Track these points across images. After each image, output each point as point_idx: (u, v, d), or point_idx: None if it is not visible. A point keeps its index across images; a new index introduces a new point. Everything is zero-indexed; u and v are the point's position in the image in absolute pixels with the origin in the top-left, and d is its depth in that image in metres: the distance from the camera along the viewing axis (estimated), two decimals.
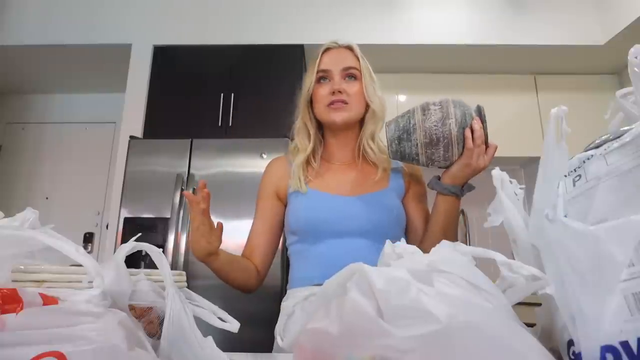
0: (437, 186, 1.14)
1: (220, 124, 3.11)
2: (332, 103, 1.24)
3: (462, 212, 3.52)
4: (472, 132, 1.06)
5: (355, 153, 1.31)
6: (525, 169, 3.73)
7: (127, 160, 2.74)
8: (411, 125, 1.08)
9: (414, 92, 3.57)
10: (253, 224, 1.33)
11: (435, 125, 1.05)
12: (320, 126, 1.34)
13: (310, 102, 1.31)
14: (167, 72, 3.30)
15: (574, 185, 0.53)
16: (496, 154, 1.11)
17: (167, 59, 3.33)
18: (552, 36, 3.31)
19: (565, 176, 0.55)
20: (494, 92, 3.59)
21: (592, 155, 0.53)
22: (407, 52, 3.38)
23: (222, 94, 3.17)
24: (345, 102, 1.24)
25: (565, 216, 0.49)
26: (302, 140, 1.32)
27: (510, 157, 3.42)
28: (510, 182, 0.61)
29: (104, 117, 4.08)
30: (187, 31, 3.38)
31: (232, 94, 3.17)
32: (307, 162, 1.29)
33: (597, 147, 0.53)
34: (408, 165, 1.30)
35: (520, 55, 3.42)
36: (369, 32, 3.33)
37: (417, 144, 1.07)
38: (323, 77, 1.28)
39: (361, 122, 1.30)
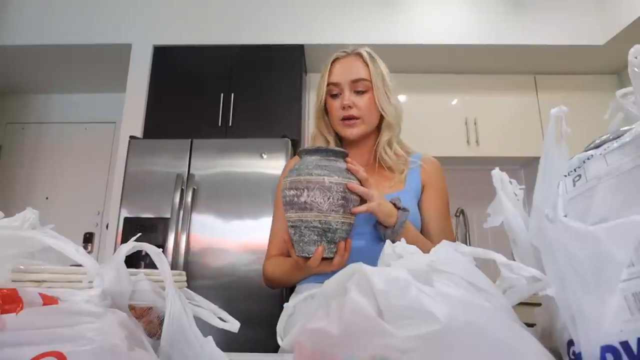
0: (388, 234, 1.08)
1: (220, 124, 3.11)
2: (344, 118, 1.23)
3: (462, 212, 3.52)
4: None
5: (372, 158, 1.29)
6: (525, 169, 3.73)
7: (127, 160, 2.74)
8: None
9: (414, 93, 3.57)
10: (280, 221, 1.28)
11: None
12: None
13: (327, 111, 1.31)
14: (167, 72, 3.30)
15: (574, 185, 0.53)
16: (496, 154, 1.11)
17: (167, 59, 3.33)
18: (552, 36, 3.31)
19: (565, 176, 0.55)
20: (494, 92, 3.59)
21: (592, 155, 0.53)
22: (406, 52, 3.38)
23: (222, 94, 3.17)
24: (356, 117, 1.23)
25: (565, 216, 0.49)
26: None
27: (510, 157, 3.44)
28: (510, 182, 0.61)
29: (104, 117, 4.08)
30: (187, 31, 3.38)
31: (232, 94, 3.17)
32: None
33: (597, 147, 0.53)
34: (426, 163, 1.30)
35: (520, 55, 3.42)
36: (369, 32, 3.33)
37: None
38: (334, 89, 1.26)
39: (378, 127, 1.30)
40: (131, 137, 2.84)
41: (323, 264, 1.00)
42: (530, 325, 0.53)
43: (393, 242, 1.09)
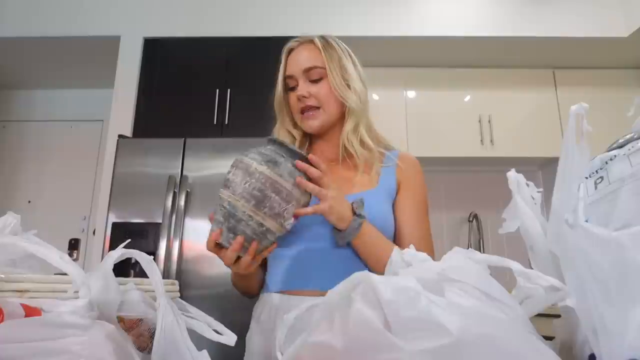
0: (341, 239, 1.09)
1: (215, 122, 3.11)
2: (302, 111, 1.24)
3: (476, 216, 3.51)
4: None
5: (341, 150, 1.27)
6: (543, 170, 3.72)
7: (115, 161, 2.74)
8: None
9: (424, 88, 3.57)
10: None
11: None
12: None
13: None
14: (159, 66, 3.30)
15: (596, 187, 0.53)
16: (512, 155, 1.10)
17: (158, 52, 3.33)
18: (571, 27, 3.30)
19: (586, 178, 0.55)
20: (510, 87, 3.59)
21: (615, 156, 0.53)
22: (416, 44, 3.37)
23: (217, 90, 3.17)
24: (315, 107, 1.23)
25: (587, 221, 0.49)
26: None
27: (526, 157, 3.42)
28: (527, 184, 0.61)
29: (90, 114, 4.08)
30: (180, 22, 3.38)
31: (229, 90, 3.17)
32: None
33: (620, 146, 0.53)
34: (403, 161, 1.27)
35: (537, 48, 3.42)
36: (374, 23, 3.31)
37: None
38: (290, 82, 1.28)
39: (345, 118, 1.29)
40: (120, 136, 2.83)
41: (225, 259, 0.98)
42: (548, 338, 0.53)
43: (348, 245, 1.08)
